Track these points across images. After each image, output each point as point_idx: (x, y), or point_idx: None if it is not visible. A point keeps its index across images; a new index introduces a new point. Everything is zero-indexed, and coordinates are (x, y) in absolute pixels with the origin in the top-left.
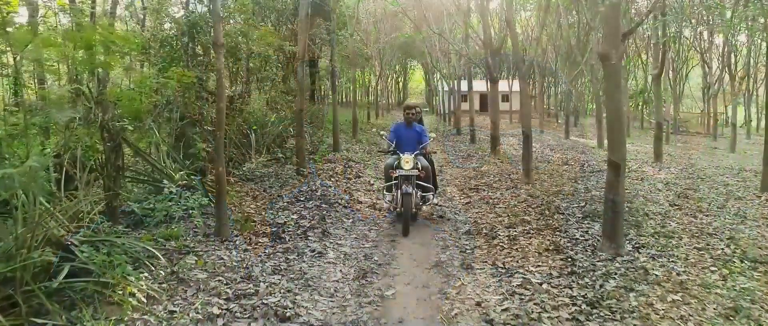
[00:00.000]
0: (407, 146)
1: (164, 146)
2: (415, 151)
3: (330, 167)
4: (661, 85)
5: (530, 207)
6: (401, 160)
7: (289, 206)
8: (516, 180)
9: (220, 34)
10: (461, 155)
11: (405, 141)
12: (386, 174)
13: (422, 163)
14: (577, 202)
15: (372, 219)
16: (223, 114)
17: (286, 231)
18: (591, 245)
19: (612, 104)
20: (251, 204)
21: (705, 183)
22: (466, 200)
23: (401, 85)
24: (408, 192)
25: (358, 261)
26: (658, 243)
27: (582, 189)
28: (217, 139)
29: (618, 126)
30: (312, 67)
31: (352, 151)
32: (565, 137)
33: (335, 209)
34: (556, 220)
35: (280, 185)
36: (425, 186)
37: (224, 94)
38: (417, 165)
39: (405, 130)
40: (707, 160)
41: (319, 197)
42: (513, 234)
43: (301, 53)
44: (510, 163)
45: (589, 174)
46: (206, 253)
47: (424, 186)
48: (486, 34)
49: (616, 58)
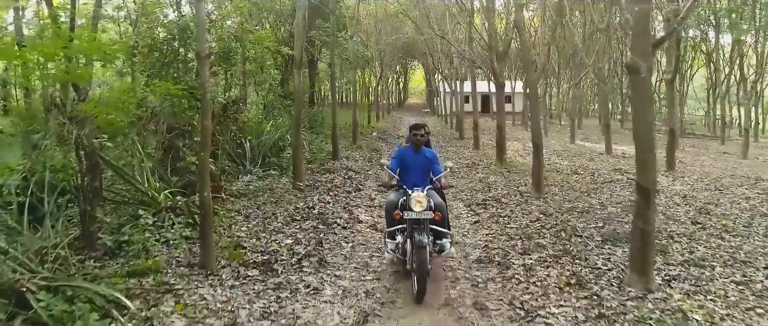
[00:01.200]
0: (416, 178)
1: (148, 162)
2: (426, 184)
3: (328, 178)
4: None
5: (544, 227)
6: (411, 199)
7: (284, 227)
8: (526, 194)
9: (204, 43)
10: (466, 163)
11: (412, 171)
12: (389, 216)
13: (435, 200)
14: (594, 221)
15: (373, 244)
16: (208, 132)
17: (278, 260)
18: (616, 277)
19: (641, 121)
20: (242, 227)
21: (724, 197)
22: (474, 218)
23: (402, 85)
24: (422, 244)
25: (358, 299)
26: (690, 275)
27: (597, 205)
28: (201, 161)
29: (648, 146)
30: (311, 69)
31: (352, 158)
32: (571, 141)
33: (333, 230)
34: (573, 244)
35: (275, 201)
36: (440, 231)
37: (209, 110)
38: (430, 205)
39: (412, 157)
40: (720, 167)
41: (317, 216)
42: (528, 262)
43: (298, 59)
44: (517, 172)
45: (602, 186)
46: (188, 291)
47: (438, 231)
48: (491, 36)
49: (645, 70)
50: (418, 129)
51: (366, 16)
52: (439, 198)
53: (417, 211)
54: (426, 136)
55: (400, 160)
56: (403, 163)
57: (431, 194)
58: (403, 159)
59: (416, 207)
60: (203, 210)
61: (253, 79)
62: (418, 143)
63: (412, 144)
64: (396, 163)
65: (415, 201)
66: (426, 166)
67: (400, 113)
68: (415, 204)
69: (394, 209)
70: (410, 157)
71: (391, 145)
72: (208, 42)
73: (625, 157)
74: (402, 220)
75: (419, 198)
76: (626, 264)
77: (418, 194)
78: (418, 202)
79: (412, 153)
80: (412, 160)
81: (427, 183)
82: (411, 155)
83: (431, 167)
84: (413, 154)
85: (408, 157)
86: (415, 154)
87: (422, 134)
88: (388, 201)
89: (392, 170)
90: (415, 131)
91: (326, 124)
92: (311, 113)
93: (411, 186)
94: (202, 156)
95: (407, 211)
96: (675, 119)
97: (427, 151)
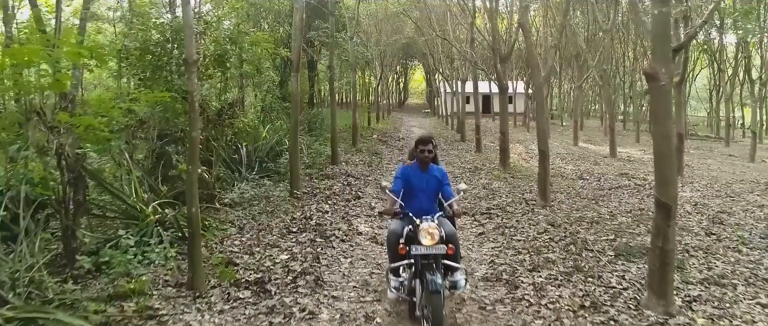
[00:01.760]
0: (422, 201)
1: (137, 172)
2: (434, 209)
3: (327, 185)
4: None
5: (553, 240)
6: (419, 230)
7: (280, 240)
8: (531, 202)
9: (192, 49)
10: (468, 168)
11: (419, 194)
12: (392, 249)
13: (447, 229)
14: (604, 233)
15: (373, 258)
16: (196, 144)
17: (272, 279)
18: (633, 298)
19: (661, 132)
20: (235, 241)
21: (736, 204)
22: (478, 229)
23: (402, 85)
24: (436, 288)
25: (357, 324)
26: (712, 296)
27: (606, 214)
28: (189, 175)
29: (668, 159)
30: (310, 70)
31: (352, 163)
32: (574, 144)
33: (331, 244)
34: (585, 259)
35: (271, 211)
36: (451, 266)
37: (198, 120)
38: (442, 236)
39: (418, 177)
40: (728, 171)
41: (314, 227)
42: (538, 280)
43: (295, 62)
44: (521, 177)
45: (609, 192)
46: (172, 317)
47: (450, 266)
48: (495, 39)
49: (666, 78)
50: (424, 144)
51: (366, 17)
52: (451, 225)
53: (427, 244)
54: (434, 151)
55: (405, 181)
56: (407, 184)
57: (442, 222)
58: (407, 179)
59: (426, 241)
60: (191, 227)
61: (251, 81)
62: (424, 161)
63: (417, 161)
64: (399, 185)
65: (424, 233)
66: (434, 188)
67: (400, 114)
68: (425, 236)
69: (398, 241)
70: (416, 177)
71: (391, 148)
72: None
73: (631, 161)
74: (409, 254)
75: (430, 229)
76: (642, 283)
77: (428, 225)
78: (429, 234)
79: (418, 172)
80: (419, 181)
81: (436, 208)
82: (417, 175)
83: (441, 188)
84: (419, 174)
85: (413, 178)
86: (421, 173)
87: (430, 150)
88: (391, 231)
89: (395, 193)
90: (422, 147)
91: (325, 125)
92: (310, 115)
93: (417, 211)
94: (190, 169)
95: (415, 245)
96: (682, 123)
97: (435, 169)
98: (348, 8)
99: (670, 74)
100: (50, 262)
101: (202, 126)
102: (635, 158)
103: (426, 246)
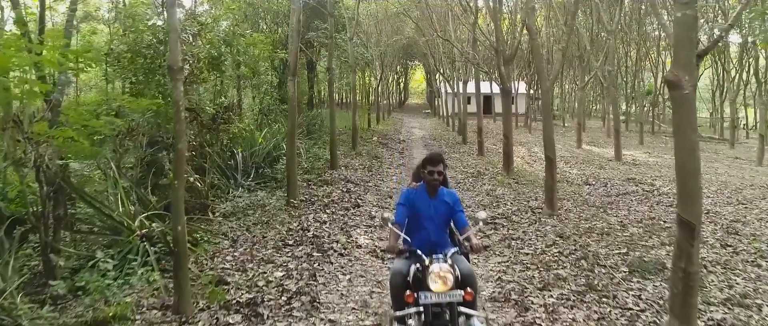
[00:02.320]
0: (431, 232)
1: (124, 182)
2: (445, 242)
3: (326, 192)
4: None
5: (563, 254)
6: (429, 273)
7: (275, 254)
8: (538, 211)
9: (177, 55)
10: (470, 173)
11: (426, 224)
12: (395, 293)
13: (462, 268)
14: (616, 246)
15: (373, 274)
16: (182, 158)
17: (265, 300)
18: (652, 323)
19: (684, 145)
20: (228, 256)
21: (750, 212)
22: (483, 241)
23: (402, 85)
24: None
25: None
26: (738, 320)
27: (616, 224)
28: (175, 190)
29: (692, 174)
30: (310, 72)
31: (351, 167)
32: (577, 146)
33: (329, 258)
34: (597, 276)
35: (266, 221)
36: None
37: (184, 132)
38: (456, 277)
39: (425, 203)
40: (737, 175)
41: (311, 240)
42: (549, 301)
43: (292, 65)
44: (526, 183)
45: (617, 199)
46: None
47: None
48: (498, 40)
49: (689, 86)
50: (433, 164)
51: (366, 17)
52: (467, 263)
53: (438, 290)
54: (444, 173)
55: (410, 207)
56: (413, 212)
57: (457, 260)
58: (413, 206)
59: (437, 286)
60: (177, 246)
61: (249, 82)
62: (433, 185)
63: (424, 184)
64: (404, 214)
65: (435, 277)
66: (445, 216)
67: (400, 114)
68: (436, 281)
69: (404, 284)
70: (423, 204)
71: (392, 151)
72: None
73: (637, 165)
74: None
75: (441, 272)
76: (661, 304)
77: (439, 266)
78: (440, 278)
79: (426, 197)
80: (426, 208)
81: (448, 239)
82: (424, 201)
83: (453, 216)
84: (427, 200)
85: (420, 204)
86: (429, 199)
87: (439, 172)
88: (394, 272)
89: (399, 225)
90: (430, 167)
91: (325, 128)
92: (309, 117)
93: (425, 245)
94: (176, 184)
95: (424, 292)
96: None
97: (445, 193)
98: (347, 8)
99: (694, 82)
100: (29, 281)
101: (196, 131)
102: (641, 161)
103: (436, 291)
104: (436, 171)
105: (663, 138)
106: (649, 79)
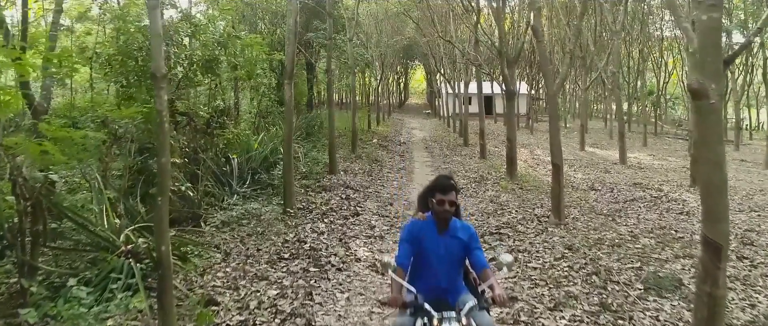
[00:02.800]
0: (442, 276)
1: (111, 193)
2: (459, 287)
3: (324, 199)
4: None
5: (573, 269)
6: None
7: (269, 269)
8: (544, 220)
9: (160, 61)
10: (473, 178)
11: (435, 264)
12: None
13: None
14: (628, 259)
15: (372, 291)
16: (166, 174)
17: (257, 323)
18: None
19: (710, 158)
20: (219, 272)
21: (763, 220)
22: (489, 254)
23: (402, 85)
24: None
25: None
26: None
27: (626, 234)
28: (157, 208)
29: (720, 190)
30: (309, 72)
31: (351, 172)
32: (581, 148)
33: (326, 274)
34: (611, 294)
35: (261, 232)
36: None
37: (167, 145)
38: None
39: (433, 240)
40: (745, 179)
41: (308, 253)
42: (562, 323)
43: (289, 69)
44: (530, 188)
45: (625, 206)
46: None
47: None
48: (502, 41)
49: (715, 95)
50: (444, 192)
51: (366, 17)
52: (488, 319)
53: None
54: (456, 203)
55: (415, 244)
56: (419, 249)
57: (475, 317)
58: (419, 242)
59: None
60: (161, 268)
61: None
62: (444, 217)
63: (433, 215)
64: (407, 253)
65: None
66: (458, 256)
67: (400, 115)
68: None
69: None
70: (431, 240)
71: (392, 154)
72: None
73: (642, 168)
74: None
75: None
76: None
77: None
78: None
79: (434, 232)
80: (435, 246)
81: (462, 284)
82: (432, 236)
83: (468, 256)
84: (435, 235)
85: (428, 240)
86: (438, 235)
87: (452, 201)
88: None
89: (402, 269)
90: (440, 196)
91: (324, 129)
92: (309, 118)
93: (433, 291)
94: (160, 201)
95: None
96: None
97: (459, 227)
98: (347, 8)
99: (721, 91)
100: (6, 301)
101: (190, 136)
102: (646, 165)
103: None
104: (448, 201)
105: (666, 139)
106: (650, 79)
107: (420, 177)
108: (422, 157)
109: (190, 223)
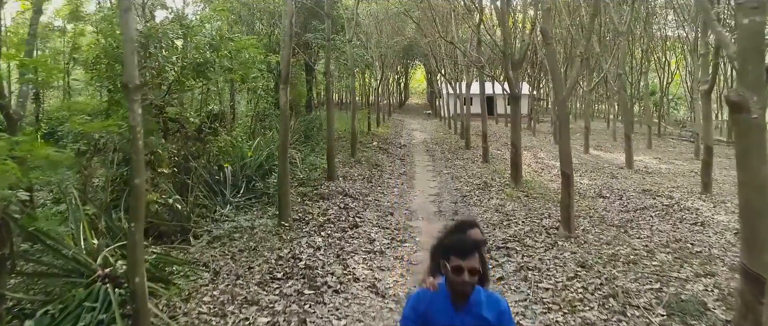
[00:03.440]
0: None
1: (90, 207)
2: None
3: (321, 209)
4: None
5: (587, 290)
6: None
7: (260, 292)
8: (552, 231)
9: (133, 70)
10: (476, 184)
11: None
12: None
13: None
14: (646, 278)
15: (372, 316)
16: (142, 197)
17: None
18: None
19: (752, 181)
20: (207, 295)
21: None
22: (496, 272)
23: (402, 85)
24: None
25: None
26: None
27: (641, 248)
28: (131, 234)
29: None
30: (308, 74)
31: (350, 178)
32: (585, 151)
33: (322, 297)
34: (631, 320)
35: (254, 247)
36: None
37: (142, 166)
38: None
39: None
40: None
41: (303, 271)
42: None
43: (284, 73)
44: (536, 196)
45: (635, 215)
46: None
47: None
48: (505, 42)
49: (757, 109)
50: (464, 256)
51: (366, 17)
52: None
53: None
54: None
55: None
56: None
57: None
58: (427, 320)
59: None
60: (136, 303)
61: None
62: (462, 291)
63: (448, 285)
64: None
65: None
66: None
67: (400, 115)
68: None
69: None
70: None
71: (393, 157)
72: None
73: (650, 173)
74: None
75: None
76: None
77: None
78: None
79: (448, 307)
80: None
81: None
82: (444, 312)
83: None
84: (450, 312)
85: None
86: (454, 310)
87: (473, 269)
88: None
89: None
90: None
91: (323, 131)
92: (307, 120)
93: None
94: (133, 228)
95: None
96: (711, 135)
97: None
98: (346, 8)
99: (764, 103)
100: None
101: (180, 144)
102: (653, 169)
103: None
104: (468, 269)
105: (670, 140)
106: (652, 79)
107: (421, 184)
108: (423, 160)
109: (178, 238)
